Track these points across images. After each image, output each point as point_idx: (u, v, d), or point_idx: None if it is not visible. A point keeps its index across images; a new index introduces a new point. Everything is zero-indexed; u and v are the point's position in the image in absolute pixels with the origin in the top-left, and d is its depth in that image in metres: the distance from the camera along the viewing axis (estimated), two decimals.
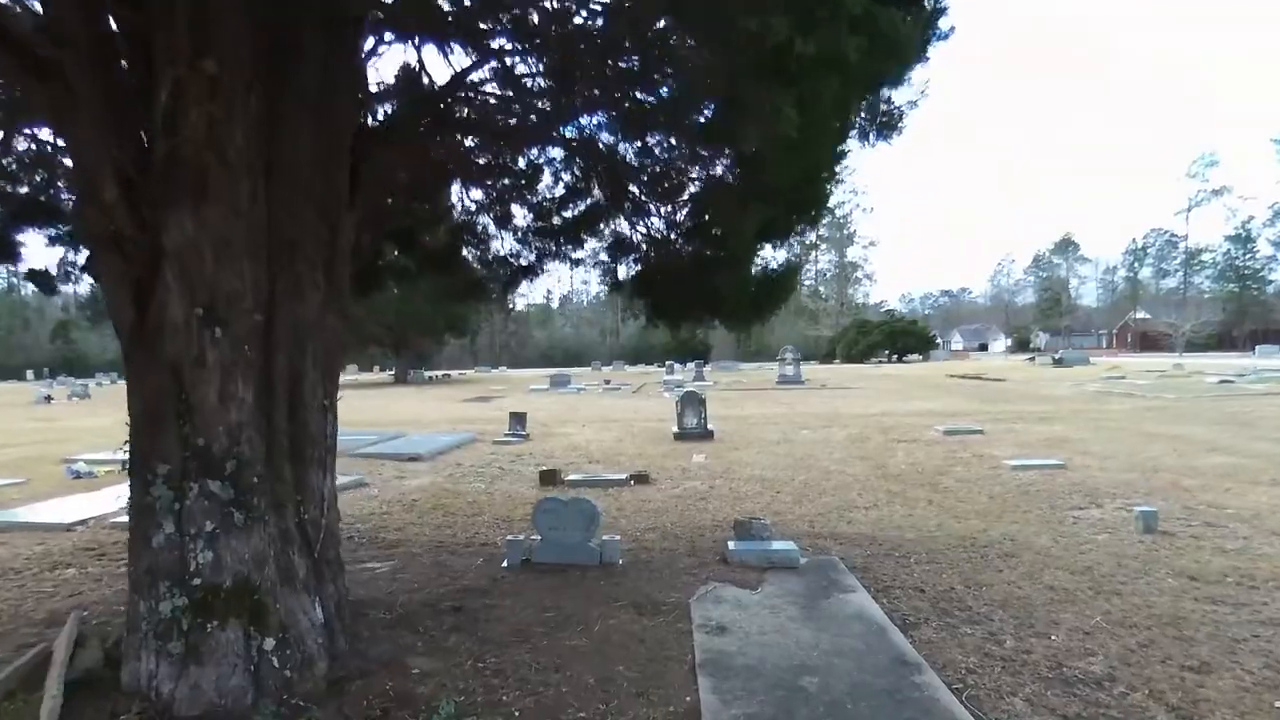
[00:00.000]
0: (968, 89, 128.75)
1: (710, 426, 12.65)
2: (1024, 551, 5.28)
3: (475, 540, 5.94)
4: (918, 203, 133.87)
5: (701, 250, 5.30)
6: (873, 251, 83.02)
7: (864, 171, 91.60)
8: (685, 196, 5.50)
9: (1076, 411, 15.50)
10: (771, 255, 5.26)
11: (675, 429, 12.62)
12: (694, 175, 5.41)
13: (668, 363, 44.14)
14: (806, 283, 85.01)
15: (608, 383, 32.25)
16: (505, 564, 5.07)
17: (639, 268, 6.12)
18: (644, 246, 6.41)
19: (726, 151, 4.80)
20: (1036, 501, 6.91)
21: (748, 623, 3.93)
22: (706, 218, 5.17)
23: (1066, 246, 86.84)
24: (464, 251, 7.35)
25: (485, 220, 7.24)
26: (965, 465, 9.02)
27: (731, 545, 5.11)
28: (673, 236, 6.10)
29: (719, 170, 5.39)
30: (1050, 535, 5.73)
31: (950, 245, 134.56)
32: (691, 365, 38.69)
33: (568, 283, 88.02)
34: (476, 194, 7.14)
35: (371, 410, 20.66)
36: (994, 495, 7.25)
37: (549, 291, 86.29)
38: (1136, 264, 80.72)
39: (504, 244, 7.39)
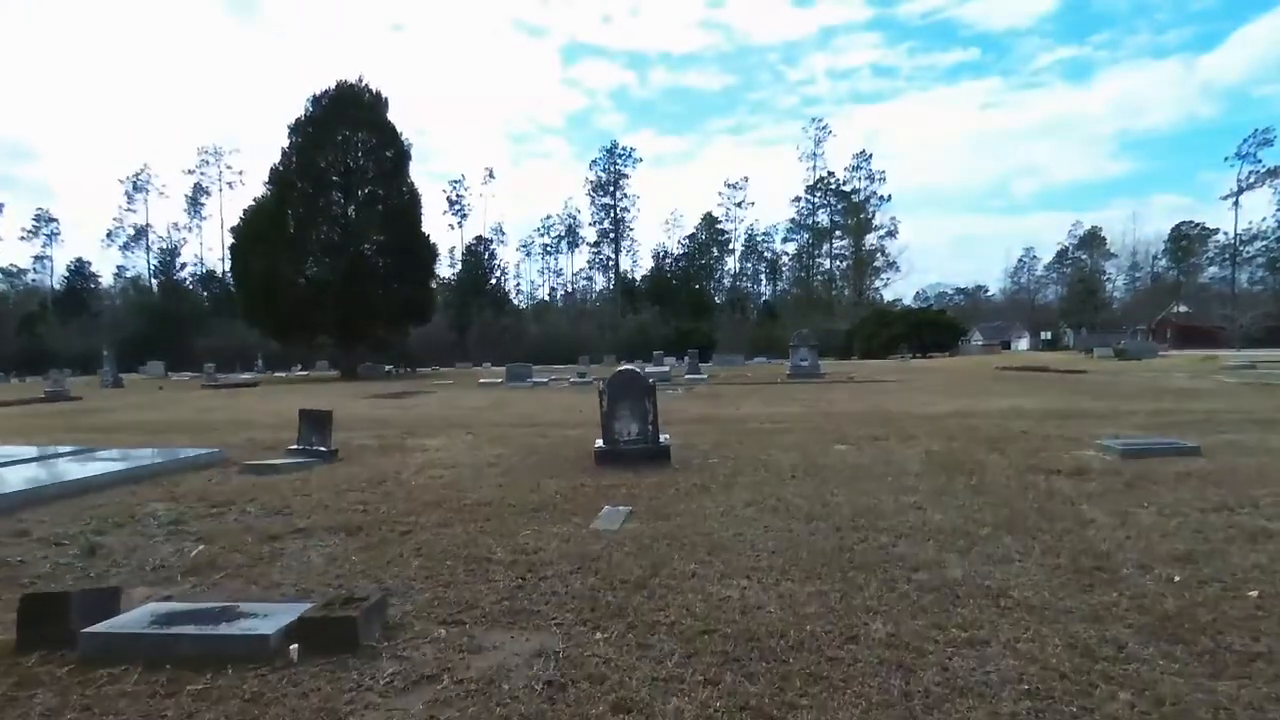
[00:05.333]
0: (970, 90, 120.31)
1: (666, 438, 6.79)
2: None
3: None
4: (927, 201, 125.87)
5: None
6: (890, 243, 75.89)
7: (879, 160, 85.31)
8: None
9: None
10: None
11: (600, 443, 6.75)
12: None
13: (654, 353, 37.18)
14: (821, 272, 78.97)
15: (581, 376, 26.28)
16: None
17: None
18: None
19: None
20: None
21: None
22: None
23: (1091, 241, 79.83)
24: None
25: None
26: None
27: None
28: None
29: None
30: None
31: (963, 244, 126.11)
32: (686, 358, 31.85)
33: (570, 278, 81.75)
34: None
35: (218, 409, 14.81)
36: None
37: (552, 289, 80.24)
38: (1181, 255, 73.73)
39: None
